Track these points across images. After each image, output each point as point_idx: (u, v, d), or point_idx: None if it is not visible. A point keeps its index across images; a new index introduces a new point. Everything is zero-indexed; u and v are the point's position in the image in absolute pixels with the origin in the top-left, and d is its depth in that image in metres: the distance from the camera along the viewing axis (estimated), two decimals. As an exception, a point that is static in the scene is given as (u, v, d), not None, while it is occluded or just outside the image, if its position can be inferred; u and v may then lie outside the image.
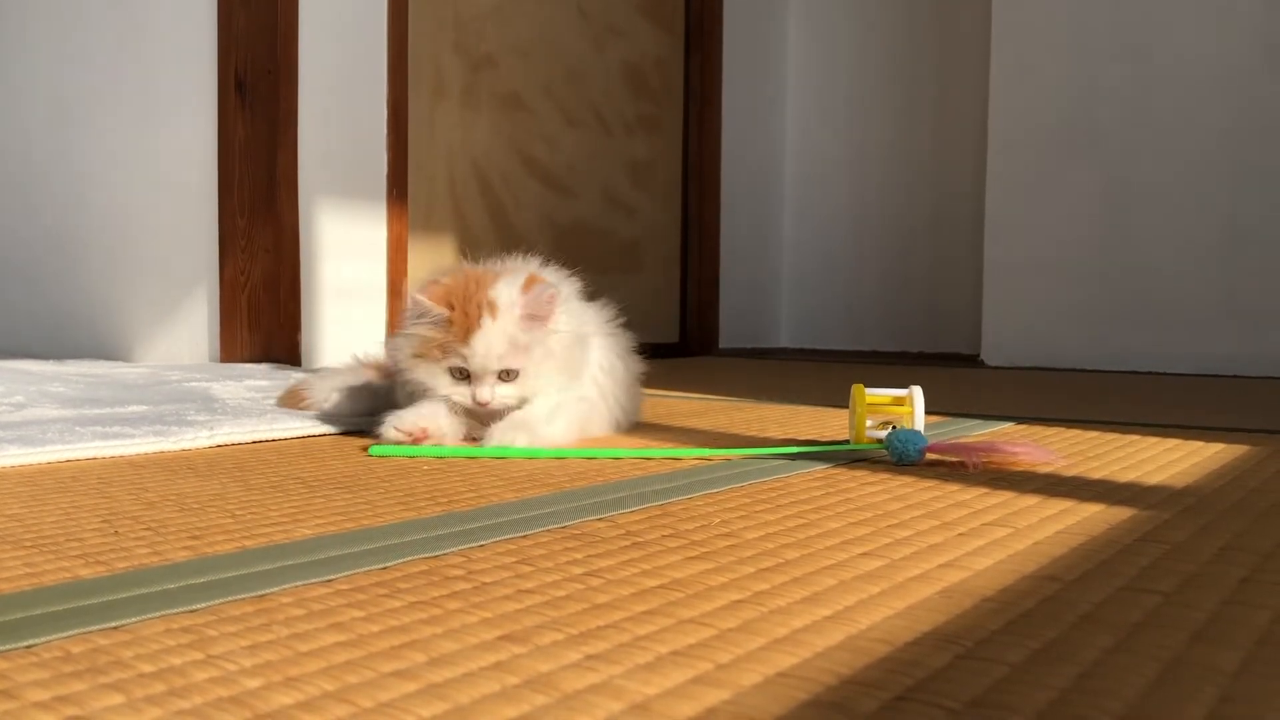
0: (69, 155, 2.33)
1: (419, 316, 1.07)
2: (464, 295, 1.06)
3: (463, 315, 1.05)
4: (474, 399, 1.06)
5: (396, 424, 1.06)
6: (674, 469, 0.96)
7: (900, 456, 0.99)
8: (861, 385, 1.09)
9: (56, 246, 2.36)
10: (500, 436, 1.05)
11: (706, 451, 1.05)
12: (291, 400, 1.35)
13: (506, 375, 1.06)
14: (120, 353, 2.23)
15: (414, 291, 1.08)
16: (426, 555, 0.62)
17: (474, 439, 1.09)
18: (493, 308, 1.05)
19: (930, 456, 1.00)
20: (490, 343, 1.04)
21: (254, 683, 0.41)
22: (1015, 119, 2.70)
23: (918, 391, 1.09)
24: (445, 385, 1.07)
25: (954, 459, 0.98)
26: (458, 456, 1.03)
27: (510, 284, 1.07)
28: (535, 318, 1.06)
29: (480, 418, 1.08)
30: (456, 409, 1.08)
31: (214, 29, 2.09)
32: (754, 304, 3.36)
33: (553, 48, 2.69)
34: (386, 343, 1.18)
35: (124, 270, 2.24)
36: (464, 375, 1.06)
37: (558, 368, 1.08)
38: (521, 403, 1.08)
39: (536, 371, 1.07)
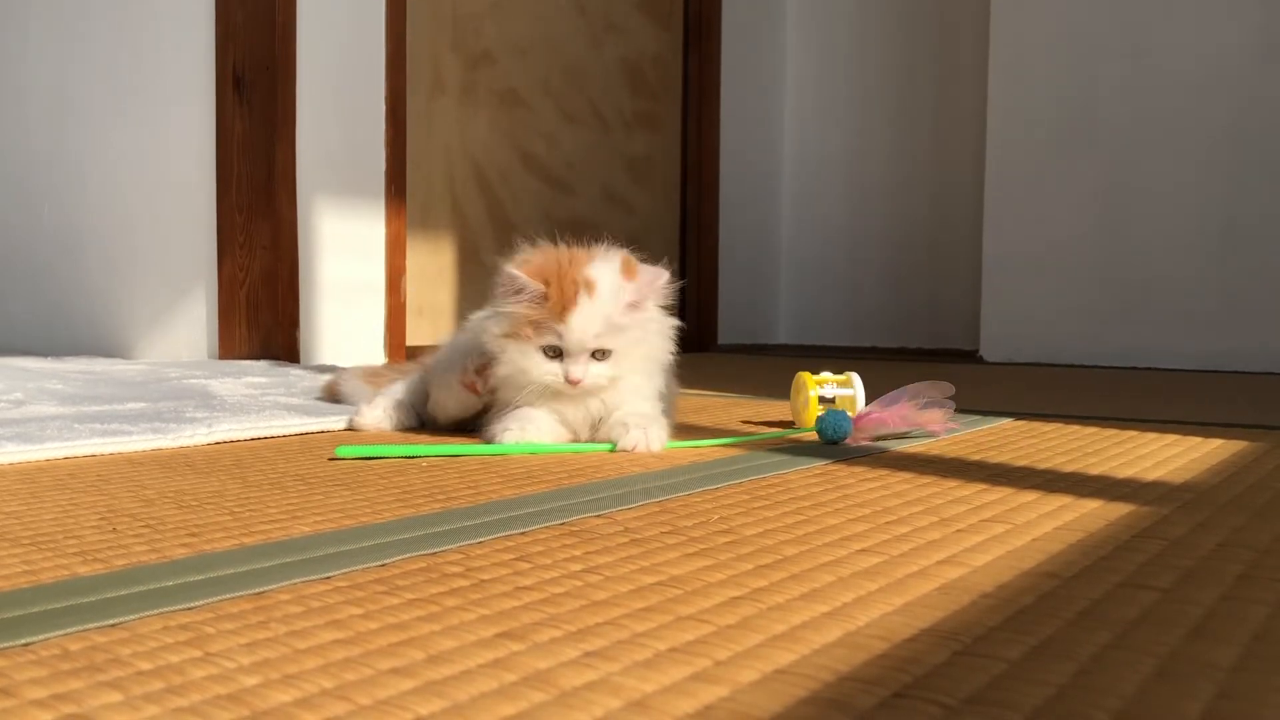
0: (68, 152, 2.33)
1: (515, 293, 1.03)
2: (559, 272, 1.03)
3: (559, 292, 1.02)
4: (566, 377, 1.02)
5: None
6: (672, 465, 0.96)
7: (835, 430, 1.08)
8: (807, 372, 1.24)
9: (55, 243, 2.36)
10: (635, 433, 1.03)
11: (676, 444, 1.08)
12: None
13: (600, 355, 1.03)
14: (119, 350, 2.23)
15: (508, 266, 1.04)
16: (425, 552, 0.62)
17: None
18: (590, 286, 1.02)
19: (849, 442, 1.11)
20: (587, 320, 1.01)
21: (252, 680, 0.41)
22: (1014, 116, 2.70)
23: (856, 378, 1.23)
24: (537, 364, 1.04)
25: (866, 438, 1.10)
26: (422, 456, 1.02)
27: (606, 264, 1.04)
28: (637, 301, 1.03)
29: (569, 400, 1.06)
30: (545, 394, 1.05)
31: (212, 25, 2.08)
32: (753, 300, 3.36)
33: (551, 45, 2.68)
34: (468, 322, 1.14)
35: (123, 267, 2.24)
36: (556, 354, 1.04)
37: (647, 353, 1.06)
38: (611, 384, 1.05)
39: (628, 354, 1.04)
